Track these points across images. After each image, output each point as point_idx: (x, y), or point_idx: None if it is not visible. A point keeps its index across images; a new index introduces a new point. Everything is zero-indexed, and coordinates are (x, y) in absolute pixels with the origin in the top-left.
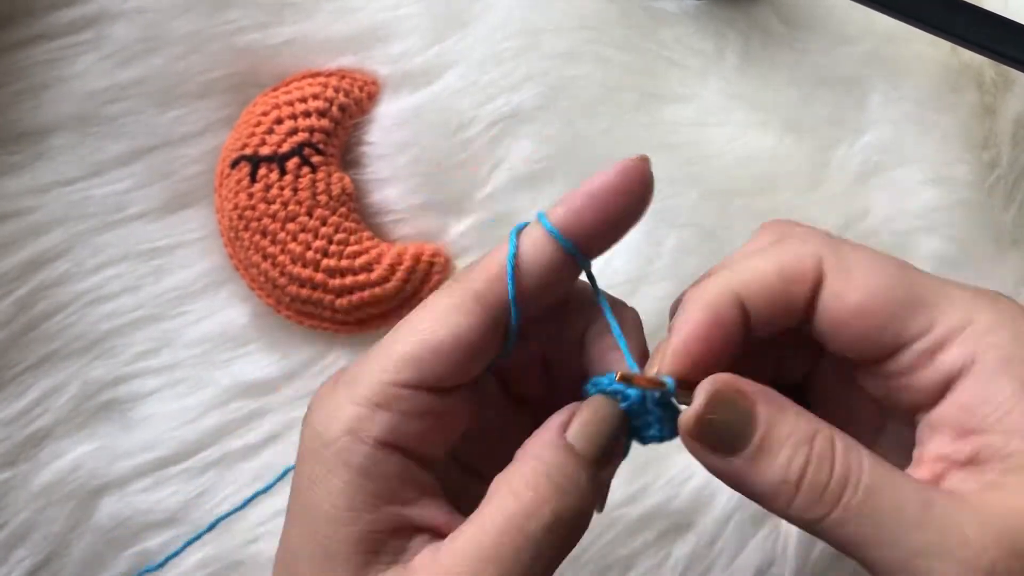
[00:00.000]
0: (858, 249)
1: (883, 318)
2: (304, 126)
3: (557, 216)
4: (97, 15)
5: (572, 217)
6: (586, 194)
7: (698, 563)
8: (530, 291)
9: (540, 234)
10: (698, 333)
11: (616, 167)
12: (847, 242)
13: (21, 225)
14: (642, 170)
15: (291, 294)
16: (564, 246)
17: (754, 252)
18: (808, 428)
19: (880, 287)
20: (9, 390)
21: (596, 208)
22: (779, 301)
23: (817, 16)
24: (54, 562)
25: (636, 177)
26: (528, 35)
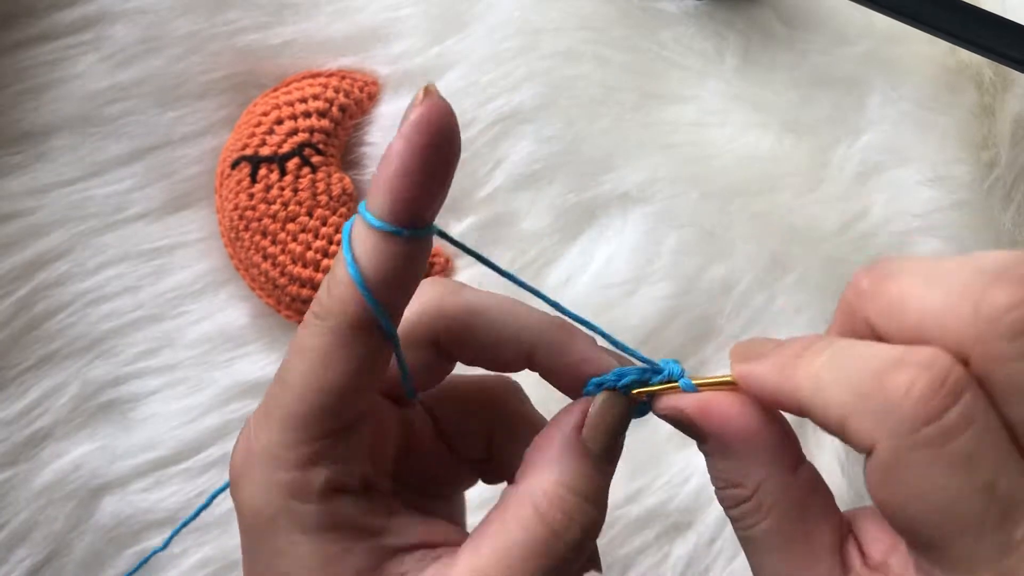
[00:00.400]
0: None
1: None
2: (304, 127)
3: (380, 207)
4: (98, 16)
5: (397, 204)
6: (397, 174)
7: (698, 563)
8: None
9: (374, 236)
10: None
11: (408, 123)
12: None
13: (22, 225)
14: (438, 111)
15: (291, 294)
16: (398, 233)
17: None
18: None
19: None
20: (10, 390)
21: (413, 181)
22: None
23: (817, 17)
24: (55, 561)
25: (435, 121)
26: (528, 35)
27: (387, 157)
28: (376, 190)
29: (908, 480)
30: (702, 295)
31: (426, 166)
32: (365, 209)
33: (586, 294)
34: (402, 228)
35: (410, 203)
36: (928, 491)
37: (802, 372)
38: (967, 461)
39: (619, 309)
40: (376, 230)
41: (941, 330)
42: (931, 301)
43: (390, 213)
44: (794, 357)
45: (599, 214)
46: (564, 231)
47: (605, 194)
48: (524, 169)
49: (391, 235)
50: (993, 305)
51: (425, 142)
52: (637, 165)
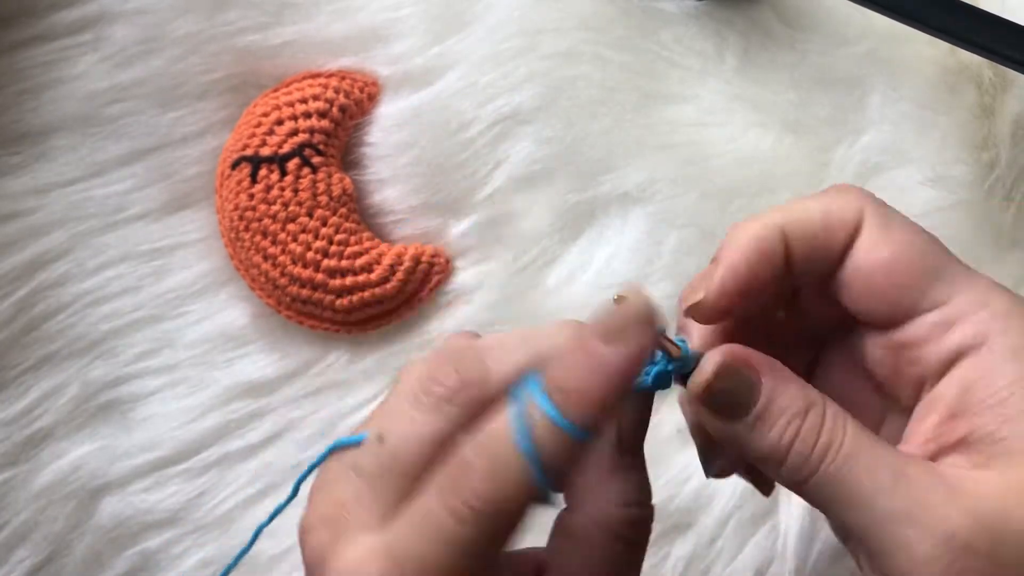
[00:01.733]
0: (900, 215)
1: (907, 279)
2: (304, 127)
3: (578, 416)
4: (97, 16)
5: (598, 413)
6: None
7: (698, 562)
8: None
9: (561, 434)
10: (744, 261)
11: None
12: (889, 208)
13: (21, 226)
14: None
15: (291, 294)
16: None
17: (806, 197)
18: (804, 402)
19: (911, 250)
20: (10, 391)
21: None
22: (819, 242)
23: (817, 17)
24: (55, 562)
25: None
26: (528, 35)
27: (590, 361)
28: (573, 394)
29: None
30: None
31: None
32: (546, 398)
33: (586, 294)
34: (588, 435)
35: (602, 418)
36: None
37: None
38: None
39: None
40: (564, 432)
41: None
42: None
43: (584, 422)
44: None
45: (599, 214)
46: (564, 231)
47: (605, 194)
48: (524, 169)
49: (578, 440)
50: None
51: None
52: (637, 165)
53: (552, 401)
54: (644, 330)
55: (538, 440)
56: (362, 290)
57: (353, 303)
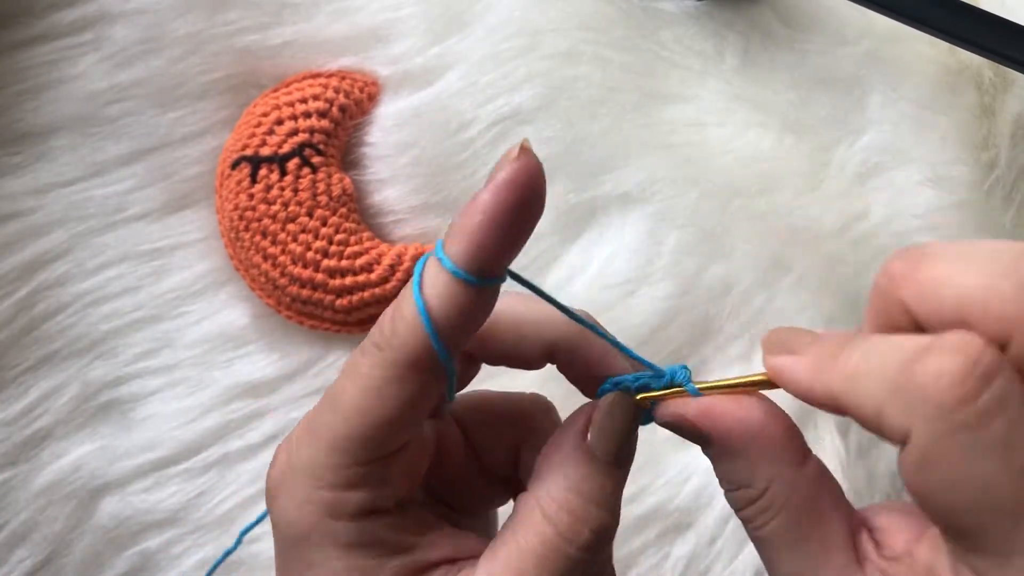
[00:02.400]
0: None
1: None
2: (304, 127)
3: (459, 254)
4: (97, 16)
5: (477, 252)
6: (481, 225)
7: (698, 562)
8: (456, 338)
9: (446, 278)
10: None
11: (500, 179)
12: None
13: (21, 226)
14: (529, 171)
15: (291, 294)
16: (473, 282)
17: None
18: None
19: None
20: (10, 391)
21: (496, 235)
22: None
23: (817, 17)
24: (55, 562)
25: (528, 183)
26: (528, 35)
27: (472, 206)
28: (456, 236)
29: (944, 466)
30: (702, 295)
31: (511, 222)
32: (442, 252)
33: (586, 294)
34: (477, 277)
35: (490, 254)
36: (964, 476)
37: (838, 369)
38: (1003, 445)
39: (619, 309)
40: (450, 274)
41: (982, 310)
42: (970, 281)
43: (468, 261)
44: (831, 355)
45: (599, 214)
46: (564, 231)
47: (605, 194)
48: None
49: (464, 281)
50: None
51: (514, 199)
52: (637, 165)
53: (443, 248)
54: (516, 164)
55: (425, 279)
56: (362, 290)
57: (353, 303)
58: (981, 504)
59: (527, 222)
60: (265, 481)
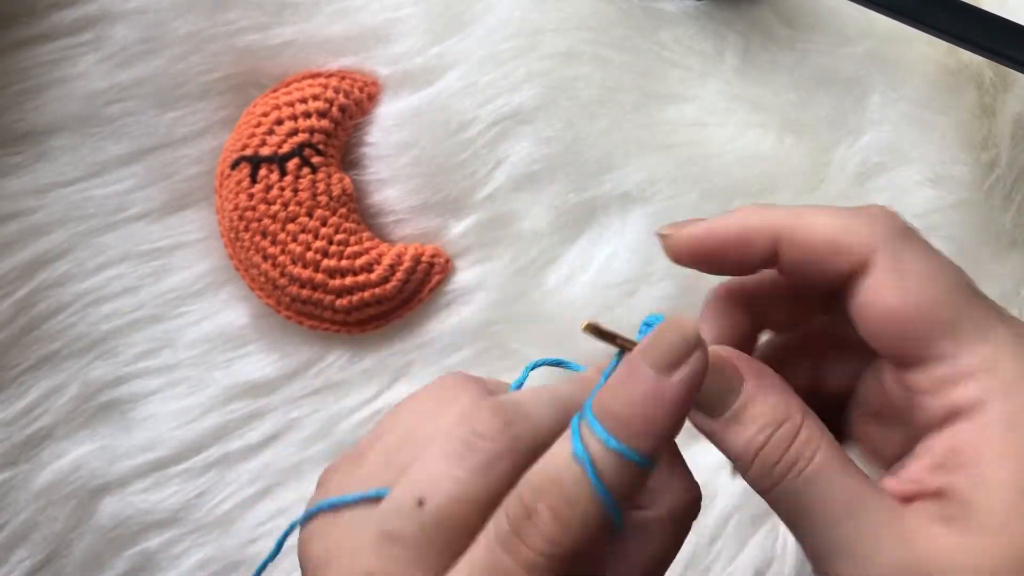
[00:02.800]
0: (919, 251)
1: (914, 329)
2: (304, 127)
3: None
4: (98, 16)
5: (660, 443)
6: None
7: (698, 563)
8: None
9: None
10: (720, 234)
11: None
12: (913, 240)
13: (22, 226)
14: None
15: (291, 294)
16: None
17: (819, 209)
18: (779, 413)
19: (922, 298)
20: (10, 390)
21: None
22: (816, 262)
23: (817, 17)
24: (55, 562)
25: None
26: (528, 35)
27: (654, 395)
28: (629, 415)
29: (916, 267)
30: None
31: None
32: (608, 434)
33: (586, 294)
34: (645, 457)
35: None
36: (939, 268)
37: (774, 209)
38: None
39: (619, 309)
40: (625, 459)
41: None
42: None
43: (651, 451)
44: (752, 207)
45: (599, 214)
46: (564, 231)
47: (605, 194)
48: (524, 169)
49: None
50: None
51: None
52: (637, 165)
53: (612, 432)
54: (699, 356)
55: (605, 473)
56: (362, 290)
57: (353, 303)
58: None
59: None
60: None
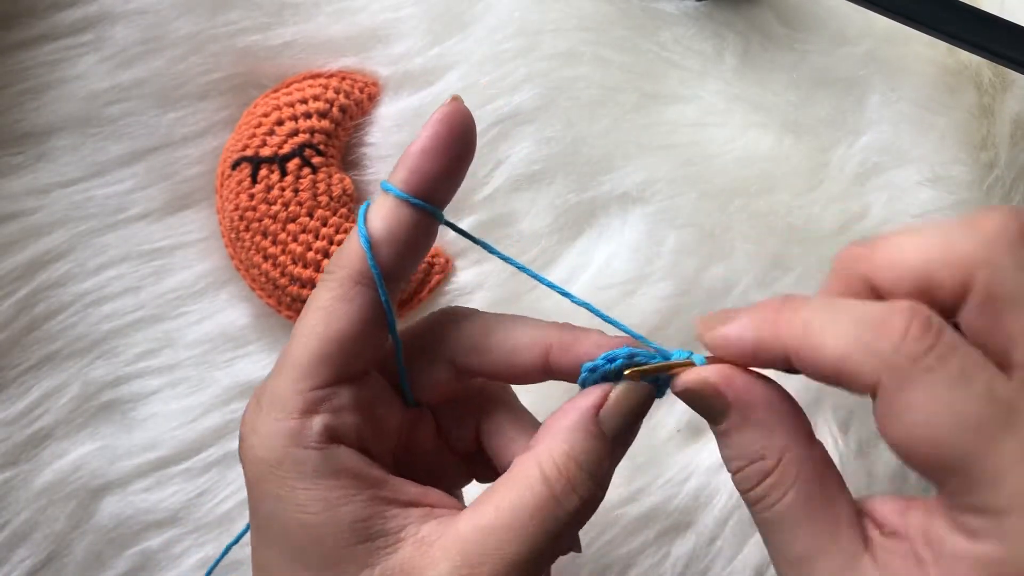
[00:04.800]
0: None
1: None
2: (305, 127)
3: (400, 180)
4: (98, 16)
5: (414, 177)
6: (419, 152)
7: (697, 562)
8: (397, 259)
9: (390, 203)
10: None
11: (434, 118)
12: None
13: (22, 226)
14: (459, 112)
15: (292, 294)
16: (417, 204)
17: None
18: (753, 452)
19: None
20: (10, 390)
21: (431, 160)
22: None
23: (816, 17)
24: (55, 561)
25: (458, 120)
26: (528, 36)
27: (412, 143)
28: (398, 166)
29: (918, 405)
30: (702, 295)
31: (444, 152)
32: (385, 183)
33: (586, 294)
34: (415, 199)
35: (425, 177)
36: (937, 410)
37: (787, 322)
38: (963, 375)
39: (619, 309)
40: (390, 196)
41: (944, 261)
42: (928, 241)
43: (405, 183)
44: (774, 312)
45: (599, 214)
46: (564, 231)
47: (605, 194)
48: (524, 169)
49: (403, 203)
50: (992, 227)
51: (446, 132)
52: (637, 165)
53: (388, 182)
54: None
55: (371, 207)
56: None
57: None
58: (957, 430)
59: (457, 156)
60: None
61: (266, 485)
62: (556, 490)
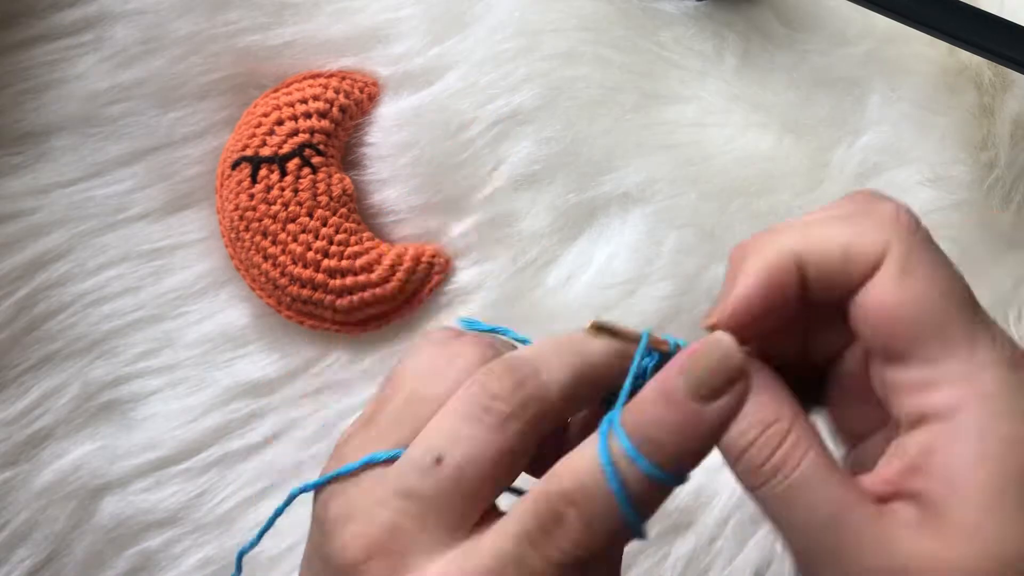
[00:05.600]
0: (926, 255)
1: (903, 329)
2: (305, 127)
3: (669, 460)
4: (98, 16)
5: (687, 462)
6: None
7: (697, 562)
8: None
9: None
10: (756, 293)
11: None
12: (922, 240)
13: (22, 226)
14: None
15: (292, 294)
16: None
17: (828, 218)
18: (770, 414)
19: (921, 300)
20: (10, 390)
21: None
22: (836, 276)
23: (816, 17)
24: (55, 562)
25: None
26: (528, 36)
27: (694, 427)
28: (663, 439)
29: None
30: (702, 295)
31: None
32: (639, 455)
33: (586, 294)
34: (674, 478)
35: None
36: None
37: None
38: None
39: (619, 309)
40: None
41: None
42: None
43: (681, 473)
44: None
45: (599, 214)
46: (564, 231)
47: (605, 194)
48: (524, 169)
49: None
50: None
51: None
52: (637, 165)
53: (643, 454)
54: (741, 388)
55: (633, 490)
56: (362, 290)
57: (353, 303)
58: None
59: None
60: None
61: None
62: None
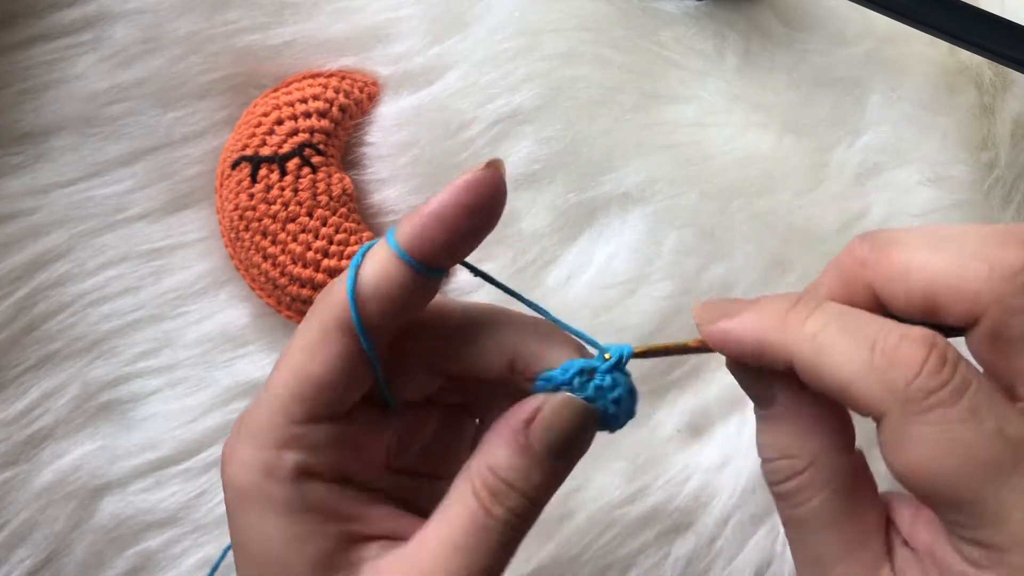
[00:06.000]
0: (929, 423)
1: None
2: (304, 127)
3: (404, 238)
4: (97, 16)
5: (417, 242)
6: (432, 215)
7: (697, 562)
8: (382, 316)
9: (387, 256)
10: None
11: (462, 182)
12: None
13: (22, 226)
14: (490, 182)
15: (292, 294)
16: (416, 267)
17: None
18: (791, 448)
19: (927, 476)
20: (10, 391)
21: (442, 228)
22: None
23: (816, 17)
24: (55, 562)
25: (484, 192)
26: (528, 36)
27: (430, 200)
28: (407, 222)
29: (927, 438)
30: (702, 295)
31: (459, 222)
32: (392, 231)
33: (586, 294)
34: (416, 261)
35: (431, 244)
36: (946, 447)
37: (796, 330)
38: (975, 413)
39: (619, 309)
40: (390, 251)
41: (954, 292)
42: (939, 266)
43: (409, 245)
44: (780, 315)
45: (599, 214)
46: (564, 231)
47: (605, 194)
48: (524, 169)
49: (401, 261)
50: (1008, 264)
51: (467, 202)
52: (637, 165)
53: (394, 233)
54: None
55: (368, 254)
56: None
57: None
58: (965, 469)
59: (476, 228)
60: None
61: (240, 512)
62: (485, 504)
